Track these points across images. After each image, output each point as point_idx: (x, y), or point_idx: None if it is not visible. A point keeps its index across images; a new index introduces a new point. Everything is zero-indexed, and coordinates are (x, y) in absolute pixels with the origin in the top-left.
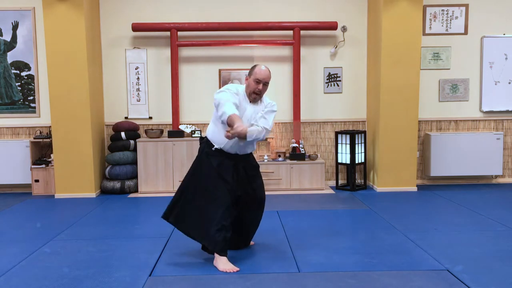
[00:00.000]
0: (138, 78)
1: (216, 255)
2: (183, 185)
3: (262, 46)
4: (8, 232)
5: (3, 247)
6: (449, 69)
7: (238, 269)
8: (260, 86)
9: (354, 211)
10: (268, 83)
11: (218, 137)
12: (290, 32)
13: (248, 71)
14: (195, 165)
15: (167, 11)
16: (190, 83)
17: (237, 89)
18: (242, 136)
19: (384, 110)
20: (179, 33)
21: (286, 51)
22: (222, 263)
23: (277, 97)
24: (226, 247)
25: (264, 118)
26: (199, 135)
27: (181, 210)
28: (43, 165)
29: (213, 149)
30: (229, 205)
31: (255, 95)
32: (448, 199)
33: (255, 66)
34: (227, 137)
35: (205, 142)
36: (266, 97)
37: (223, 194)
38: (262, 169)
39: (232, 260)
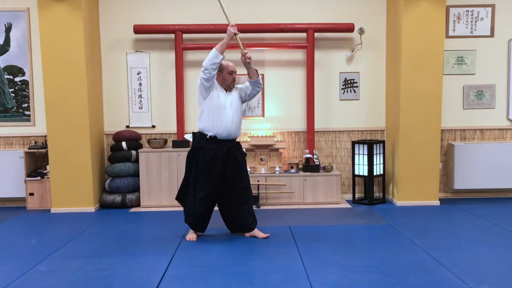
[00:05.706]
0: (140, 84)
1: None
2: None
3: (273, 50)
4: (1, 249)
5: None
6: (474, 74)
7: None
8: (235, 76)
9: (372, 227)
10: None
11: (211, 124)
12: (304, 35)
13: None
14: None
15: (171, 12)
16: (196, 89)
17: None
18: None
19: (405, 118)
20: (184, 35)
21: (299, 54)
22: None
23: (289, 104)
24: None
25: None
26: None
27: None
28: (38, 177)
29: (207, 137)
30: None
31: (233, 84)
32: (473, 213)
33: (222, 63)
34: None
35: (198, 137)
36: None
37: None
38: (273, 181)
39: (244, 279)
